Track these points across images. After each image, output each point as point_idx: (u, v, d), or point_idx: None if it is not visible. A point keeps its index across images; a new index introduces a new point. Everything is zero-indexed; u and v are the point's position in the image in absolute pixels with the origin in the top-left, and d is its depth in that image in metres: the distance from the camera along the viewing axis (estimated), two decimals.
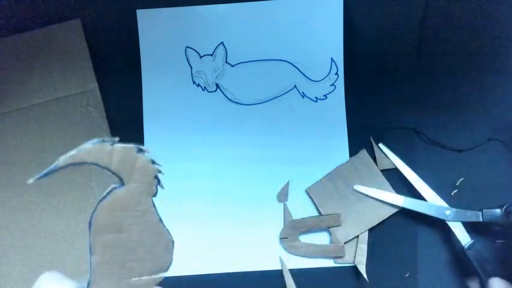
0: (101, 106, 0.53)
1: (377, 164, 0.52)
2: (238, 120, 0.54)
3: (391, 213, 0.51)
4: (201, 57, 0.54)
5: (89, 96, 0.53)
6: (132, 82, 0.54)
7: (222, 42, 0.54)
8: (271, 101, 0.54)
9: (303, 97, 0.54)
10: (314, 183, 0.52)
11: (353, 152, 0.53)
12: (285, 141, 0.53)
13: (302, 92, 0.54)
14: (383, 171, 0.52)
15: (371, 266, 0.50)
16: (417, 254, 0.51)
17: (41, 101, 0.52)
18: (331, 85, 0.53)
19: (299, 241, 0.52)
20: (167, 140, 0.54)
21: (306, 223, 0.52)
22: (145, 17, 0.53)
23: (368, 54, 0.53)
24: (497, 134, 0.52)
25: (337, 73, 0.53)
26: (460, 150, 0.52)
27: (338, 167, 0.52)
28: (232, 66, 0.54)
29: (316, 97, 0.54)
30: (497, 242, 0.49)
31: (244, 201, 0.53)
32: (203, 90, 0.54)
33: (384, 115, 0.53)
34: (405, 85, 0.53)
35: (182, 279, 0.51)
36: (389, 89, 0.53)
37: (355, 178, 0.52)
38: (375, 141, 0.53)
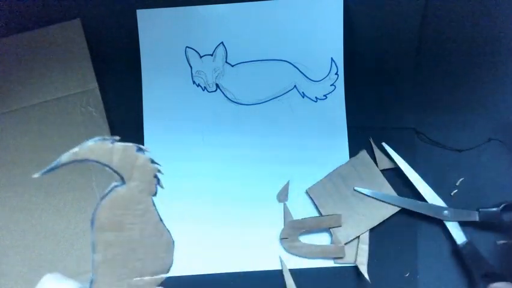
0: (101, 106, 0.53)
1: (377, 164, 0.52)
2: (238, 120, 0.54)
3: (391, 213, 0.51)
4: (201, 57, 0.54)
5: (89, 96, 0.53)
6: (132, 82, 0.54)
7: (222, 42, 0.54)
8: (271, 101, 0.54)
9: (303, 97, 0.54)
10: (314, 184, 0.52)
11: (353, 152, 0.53)
12: (285, 141, 0.53)
13: (302, 92, 0.54)
14: (383, 171, 0.52)
15: (371, 266, 0.50)
16: (418, 254, 0.51)
17: (41, 101, 0.52)
18: (331, 85, 0.53)
19: (299, 241, 0.52)
20: (167, 140, 0.54)
21: (307, 223, 0.52)
22: (145, 17, 0.53)
23: (368, 54, 0.53)
24: (497, 134, 0.52)
25: (337, 73, 0.53)
26: (460, 150, 0.52)
27: (338, 167, 0.52)
28: (232, 66, 0.54)
29: (316, 97, 0.54)
30: (498, 243, 0.49)
31: (244, 201, 0.53)
32: (203, 90, 0.54)
33: (384, 115, 0.53)
34: (405, 85, 0.53)
35: (183, 279, 0.51)
36: (389, 89, 0.53)
37: (355, 178, 0.52)
38: (375, 142, 0.53)
